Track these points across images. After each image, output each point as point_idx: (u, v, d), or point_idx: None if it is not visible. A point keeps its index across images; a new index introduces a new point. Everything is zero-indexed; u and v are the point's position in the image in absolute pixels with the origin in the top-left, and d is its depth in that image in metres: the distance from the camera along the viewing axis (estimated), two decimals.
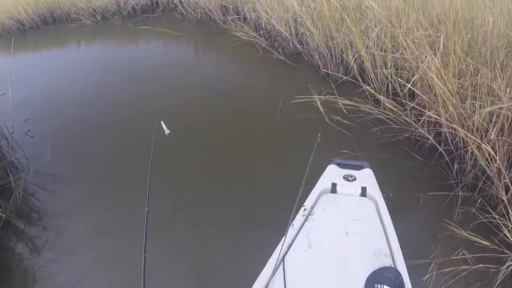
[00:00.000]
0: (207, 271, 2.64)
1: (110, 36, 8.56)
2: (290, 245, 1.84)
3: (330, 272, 1.69)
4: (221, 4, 7.24)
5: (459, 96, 2.93)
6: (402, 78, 3.80)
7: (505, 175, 2.55)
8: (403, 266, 1.69)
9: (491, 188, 2.70)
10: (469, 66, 3.00)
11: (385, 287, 1.57)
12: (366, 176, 2.23)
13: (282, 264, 1.74)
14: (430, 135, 3.12)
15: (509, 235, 2.33)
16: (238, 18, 6.81)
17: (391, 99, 3.93)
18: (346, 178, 2.21)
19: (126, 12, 9.22)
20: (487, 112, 2.69)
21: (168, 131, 2.80)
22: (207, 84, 5.28)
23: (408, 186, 3.05)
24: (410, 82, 3.34)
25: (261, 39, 5.97)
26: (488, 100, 2.73)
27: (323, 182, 2.21)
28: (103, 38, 8.67)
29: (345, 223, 1.92)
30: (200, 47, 7.09)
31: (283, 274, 1.69)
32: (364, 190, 2.12)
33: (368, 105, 3.72)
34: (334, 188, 2.17)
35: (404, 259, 1.72)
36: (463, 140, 2.91)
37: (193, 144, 4.05)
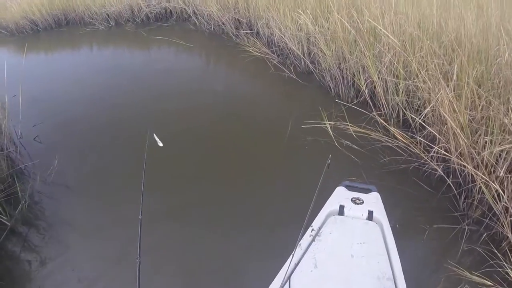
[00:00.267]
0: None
1: (123, 43, 8.60)
2: (297, 264, 1.89)
3: None
4: (234, 18, 7.29)
5: (470, 129, 2.94)
6: (413, 105, 3.82)
7: None
8: None
9: (497, 224, 2.69)
10: (481, 98, 3.01)
11: None
12: (374, 200, 2.29)
13: (288, 282, 1.79)
14: (439, 167, 3.12)
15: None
16: (251, 32, 6.85)
17: (401, 126, 3.96)
18: (354, 201, 2.27)
19: (139, 19, 9.26)
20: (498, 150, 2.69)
21: (161, 144, 2.84)
22: (217, 100, 5.30)
23: (414, 217, 3.04)
24: (421, 116, 3.35)
25: (273, 55, 5.99)
26: (499, 136, 2.74)
27: (331, 204, 2.27)
28: (115, 44, 8.73)
29: (351, 245, 1.97)
30: (211, 61, 7.13)
31: None
32: (371, 214, 2.17)
33: (378, 132, 3.72)
34: (341, 210, 2.22)
35: (406, 284, 1.76)
36: (471, 175, 2.90)
37: (199, 159, 4.07)
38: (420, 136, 3.42)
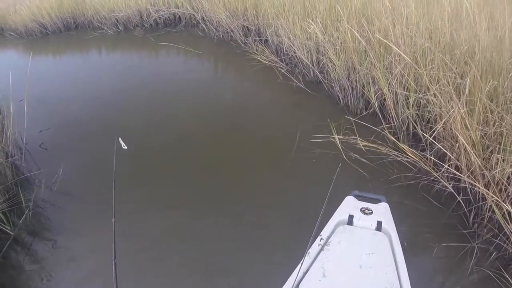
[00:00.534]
0: None
1: (131, 48, 8.62)
2: (305, 273, 1.89)
3: None
4: (243, 25, 7.27)
5: (481, 145, 2.88)
6: (424, 119, 3.76)
7: None
8: None
9: (507, 244, 2.62)
10: (493, 113, 2.95)
11: None
12: (383, 210, 2.28)
13: None
14: (449, 184, 3.05)
15: None
16: (259, 40, 6.82)
17: (411, 140, 3.90)
18: (363, 211, 2.26)
19: (148, 24, 9.28)
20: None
21: (126, 147, 2.82)
22: (224, 108, 5.27)
23: (422, 234, 2.98)
24: (432, 133, 3.28)
25: (281, 64, 5.95)
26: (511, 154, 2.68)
27: (340, 214, 2.26)
28: (124, 49, 8.77)
29: (359, 256, 1.96)
30: (219, 68, 7.11)
31: None
32: (379, 224, 2.16)
33: (387, 147, 3.65)
34: (351, 220, 2.21)
35: None
36: (482, 193, 2.83)
37: (204, 168, 4.04)
38: (431, 151, 3.36)
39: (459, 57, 3.54)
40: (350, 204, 2.34)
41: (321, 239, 2.09)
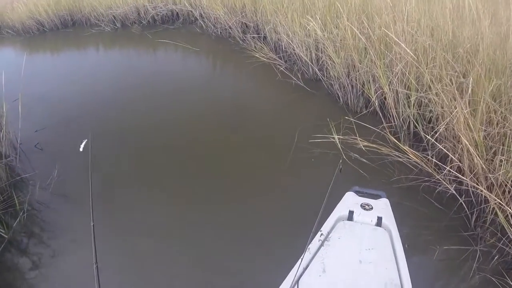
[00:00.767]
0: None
1: (129, 46, 8.54)
2: (305, 268, 1.91)
3: None
4: (241, 22, 7.17)
5: (484, 146, 2.81)
6: (425, 118, 3.68)
7: None
8: None
9: (510, 247, 2.56)
10: (496, 113, 2.88)
11: None
12: (383, 206, 2.30)
13: (297, 286, 1.81)
14: (451, 185, 2.98)
15: None
16: (258, 37, 6.73)
17: (412, 139, 3.82)
18: (363, 206, 2.28)
19: (146, 21, 9.18)
20: None
21: (81, 149, 2.86)
22: (222, 107, 5.20)
23: (424, 236, 2.92)
24: (434, 135, 3.21)
25: (280, 61, 5.86)
26: None
27: (341, 209, 2.28)
28: (121, 46, 8.69)
29: (359, 251, 1.98)
30: (217, 66, 7.02)
31: None
32: (379, 220, 2.17)
33: (388, 146, 3.57)
34: (351, 216, 2.23)
35: None
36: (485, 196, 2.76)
37: (202, 167, 4.02)
38: (432, 152, 3.29)
39: (461, 55, 3.46)
40: (350, 200, 2.36)
41: (321, 234, 2.11)
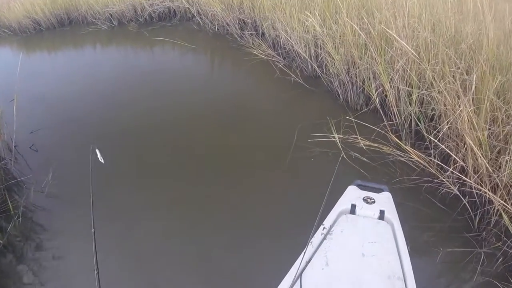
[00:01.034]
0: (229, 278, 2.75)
1: (125, 44, 8.44)
2: (308, 261, 1.93)
3: None
4: (239, 18, 7.07)
5: (488, 145, 2.73)
6: (427, 116, 3.60)
7: None
8: None
9: None
10: (500, 111, 2.80)
11: None
12: (385, 200, 2.31)
13: (300, 279, 1.83)
14: (455, 186, 2.90)
15: None
16: (256, 34, 6.64)
17: (414, 137, 3.74)
18: (365, 200, 2.29)
19: (142, 19, 9.06)
20: None
21: (103, 161, 2.79)
22: (220, 106, 5.12)
23: (426, 237, 2.87)
24: (437, 134, 3.13)
25: (278, 58, 5.77)
26: None
27: (343, 203, 2.29)
28: (118, 45, 8.60)
29: (362, 244, 1.99)
30: (215, 64, 6.92)
31: None
32: (382, 213, 2.19)
33: (389, 146, 3.49)
34: (353, 210, 2.24)
35: (416, 284, 1.78)
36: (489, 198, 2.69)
37: (200, 165, 3.98)
38: (435, 151, 3.21)
39: (464, 51, 3.36)
40: (352, 194, 2.37)
41: (324, 228, 2.11)
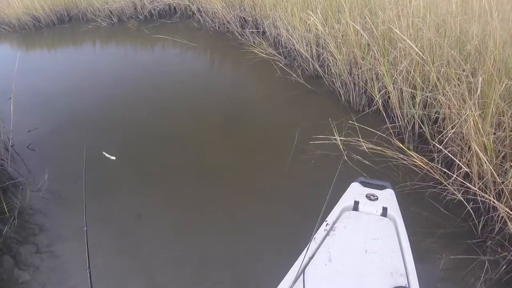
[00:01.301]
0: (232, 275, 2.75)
1: (125, 41, 8.37)
2: (311, 257, 1.94)
3: (347, 287, 1.79)
4: (240, 16, 6.98)
5: (494, 150, 2.65)
6: (431, 118, 3.52)
7: None
8: (417, 286, 1.76)
9: None
10: (506, 114, 2.72)
11: None
12: (388, 197, 2.31)
13: (303, 275, 1.84)
14: (459, 192, 2.82)
15: None
16: (257, 32, 6.56)
17: (417, 140, 3.67)
18: (368, 197, 2.29)
19: (142, 16, 8.99)
20: None
21: (114, 158, 2.78)
22: (219, 106, 5.06)
23: (429, 243, 2.80)
24: (441, 138, 3.05)
25: (279, 57, 5.69)
26: None
27: (346, 200, 2.30)
28: (117, 42, 8.53)
29: (365, 241, 2.00)
30: (215, 62, 6.84)
31: (303, 285, 1.80)
32: (385, 210, 2.19)
33: (392, 149, 3.41)
34: (356, 206, 2.25)
35: (418, 280, 1.78)
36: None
37: (199, 166, 3.94)
38: (439, 155, 3.14)
39: (470, 52, 3.27)
40: (355, 190, 2.38)
41: (327, 224, 2.12)
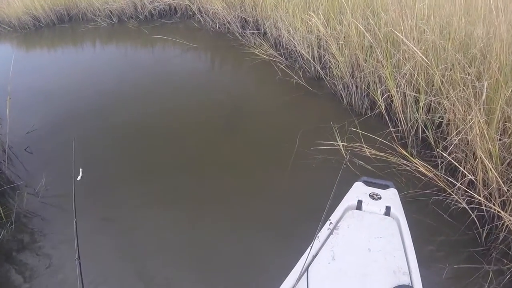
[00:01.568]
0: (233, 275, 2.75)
1: (125, 42, 8.31)
2: (315, 256, 1.96)
3: (351, 286, 1.80)
4: (240, 17, 6.92)
5: (499, 157, 2.58)
6: (434, 123, 3.45)
7: None
8: (420, 285, 1.77)
9: None
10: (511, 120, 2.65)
11: None
12: (391, 196, 2.33)
13: (306, 273, 1.86)
14: (463, 200, 2.75)
15: None
16: (258, 33, 6.49)
17: (420, 144, 3.60)
18: (371, 196, 2.31)
19: (143, 16, 8.95)
20: None
21: (79, 178, 2.88)
22: (220, 108, 4.98)
23: (433, 251, 2.74)
24: (445, 145, 2.99)
25: (280, 58, 5.62)
26: None
27: (349, 199, 2.32)
28: (117, 42, 8.47)
29: (368, 240, 2.02)
30: (215, 63, 6.76)
31: (306, 283, 1.81)
32: (388, 209, 2.21)
33: (395, 155, 3.34)
34: (359, 205, 2.27)
35: (421, 279, 1.78)
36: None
37: (199, 168, 3.91)
38: (442, 162, 3.07)
39: (475, 55, 3.19)
40: (358, 190, 2.40)
41: (330, 223, 2.14)
